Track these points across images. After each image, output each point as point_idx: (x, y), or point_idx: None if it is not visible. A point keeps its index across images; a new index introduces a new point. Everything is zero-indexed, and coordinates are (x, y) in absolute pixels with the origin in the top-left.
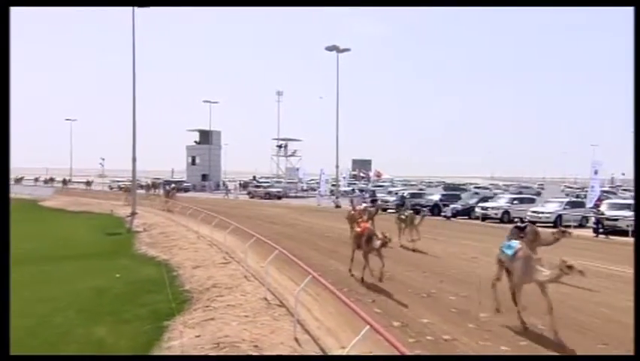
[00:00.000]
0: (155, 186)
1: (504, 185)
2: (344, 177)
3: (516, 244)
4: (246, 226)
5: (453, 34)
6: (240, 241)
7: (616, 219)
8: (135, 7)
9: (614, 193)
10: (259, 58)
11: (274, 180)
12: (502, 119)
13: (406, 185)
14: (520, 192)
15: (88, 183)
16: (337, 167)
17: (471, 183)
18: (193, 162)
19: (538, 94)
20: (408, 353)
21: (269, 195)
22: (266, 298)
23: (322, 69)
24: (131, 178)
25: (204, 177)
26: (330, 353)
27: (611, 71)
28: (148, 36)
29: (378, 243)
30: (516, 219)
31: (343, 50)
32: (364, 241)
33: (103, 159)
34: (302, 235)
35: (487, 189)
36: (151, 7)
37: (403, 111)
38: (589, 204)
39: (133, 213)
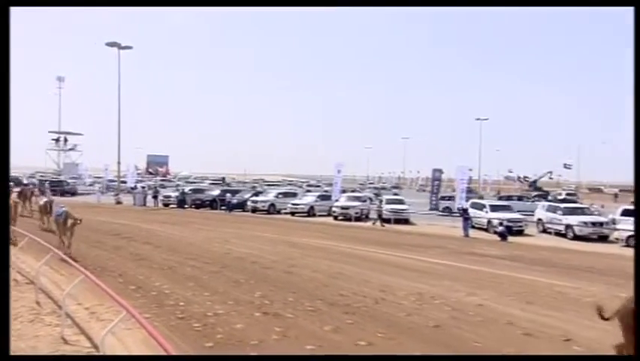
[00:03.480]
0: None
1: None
2: (131, 172)
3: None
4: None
5: (264, 32)
6: None
7: (347, 208)
8: None
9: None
10: (38, 49)
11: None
12: (307, 117)
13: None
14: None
15: None
16: (119, 163)
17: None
18: None
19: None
20: (108, 288)
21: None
22: (15, 280)
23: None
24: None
25: None
26: (63, 307)
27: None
28: None
29: None
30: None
31: (125, 47)
32: None
33: None
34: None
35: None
36: None
37: (202, 108)
38: (334, 198)
39: None
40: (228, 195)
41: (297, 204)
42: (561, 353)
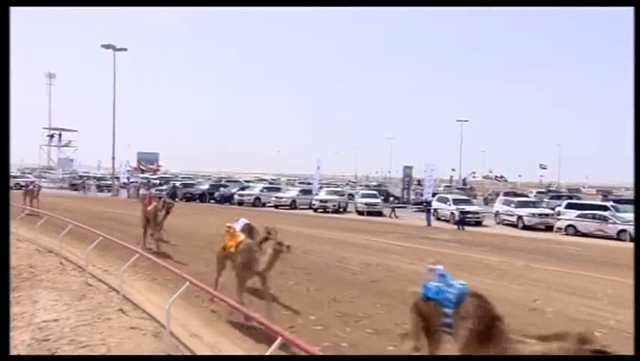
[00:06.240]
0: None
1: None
2: (123, 169)
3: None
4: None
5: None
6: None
7: (326, 202)
8: None
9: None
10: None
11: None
12: (292, 119)
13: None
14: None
15: None
16: (114, 159)
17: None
18: None
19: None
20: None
21: None
22: (38, 250)
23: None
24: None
25: None
26: (79, 265)
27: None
28: None
29: None
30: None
31: (120, 49)
32: None
33: None
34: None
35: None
36: None
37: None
38: (314, 193)
39: None
40: (220, 188)
41: (281, 198)
42: None
